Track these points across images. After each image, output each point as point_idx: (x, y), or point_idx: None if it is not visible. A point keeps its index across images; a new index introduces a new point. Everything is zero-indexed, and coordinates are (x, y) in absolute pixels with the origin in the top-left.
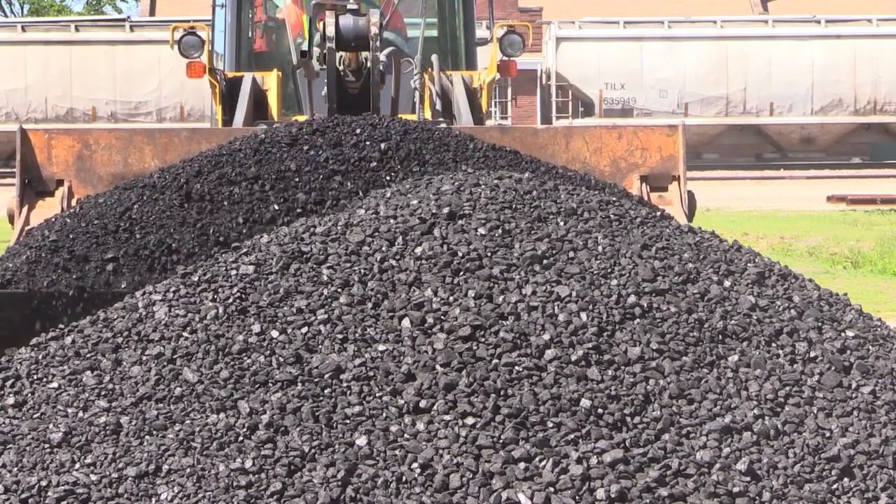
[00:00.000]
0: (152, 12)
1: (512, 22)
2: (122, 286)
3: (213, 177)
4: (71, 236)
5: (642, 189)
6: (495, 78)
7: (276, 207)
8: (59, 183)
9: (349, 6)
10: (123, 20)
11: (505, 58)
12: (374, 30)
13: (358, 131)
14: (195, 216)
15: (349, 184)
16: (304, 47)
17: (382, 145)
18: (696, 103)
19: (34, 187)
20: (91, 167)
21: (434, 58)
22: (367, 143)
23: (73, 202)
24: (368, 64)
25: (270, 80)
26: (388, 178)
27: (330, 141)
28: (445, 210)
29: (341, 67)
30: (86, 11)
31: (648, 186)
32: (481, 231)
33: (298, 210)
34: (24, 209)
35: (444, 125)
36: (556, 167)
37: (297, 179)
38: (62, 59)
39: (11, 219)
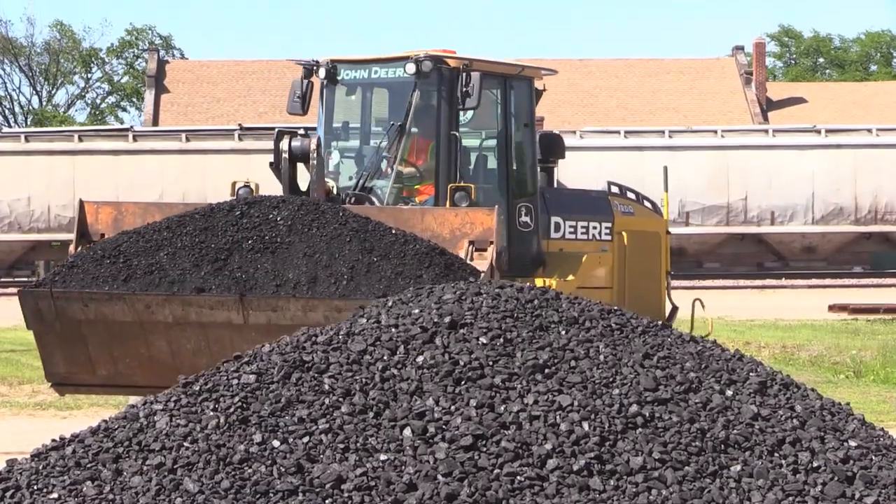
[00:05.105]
0: (155, 122)
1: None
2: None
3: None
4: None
5: (469, 249)
6: None
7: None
8: (102, 235)
9: (300, 133)
10: (126, 130)
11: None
12: (313, 146)
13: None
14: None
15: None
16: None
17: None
18: (698, 212)
19: (85, 238)
20: (121, 226)
21: None
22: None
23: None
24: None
25: None
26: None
27: (255, 210)
28: (447, 319)
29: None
30: (89, 121)
31: (474, 248)
32: (483, 340)
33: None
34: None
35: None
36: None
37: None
38: (65, 168)
39: None
